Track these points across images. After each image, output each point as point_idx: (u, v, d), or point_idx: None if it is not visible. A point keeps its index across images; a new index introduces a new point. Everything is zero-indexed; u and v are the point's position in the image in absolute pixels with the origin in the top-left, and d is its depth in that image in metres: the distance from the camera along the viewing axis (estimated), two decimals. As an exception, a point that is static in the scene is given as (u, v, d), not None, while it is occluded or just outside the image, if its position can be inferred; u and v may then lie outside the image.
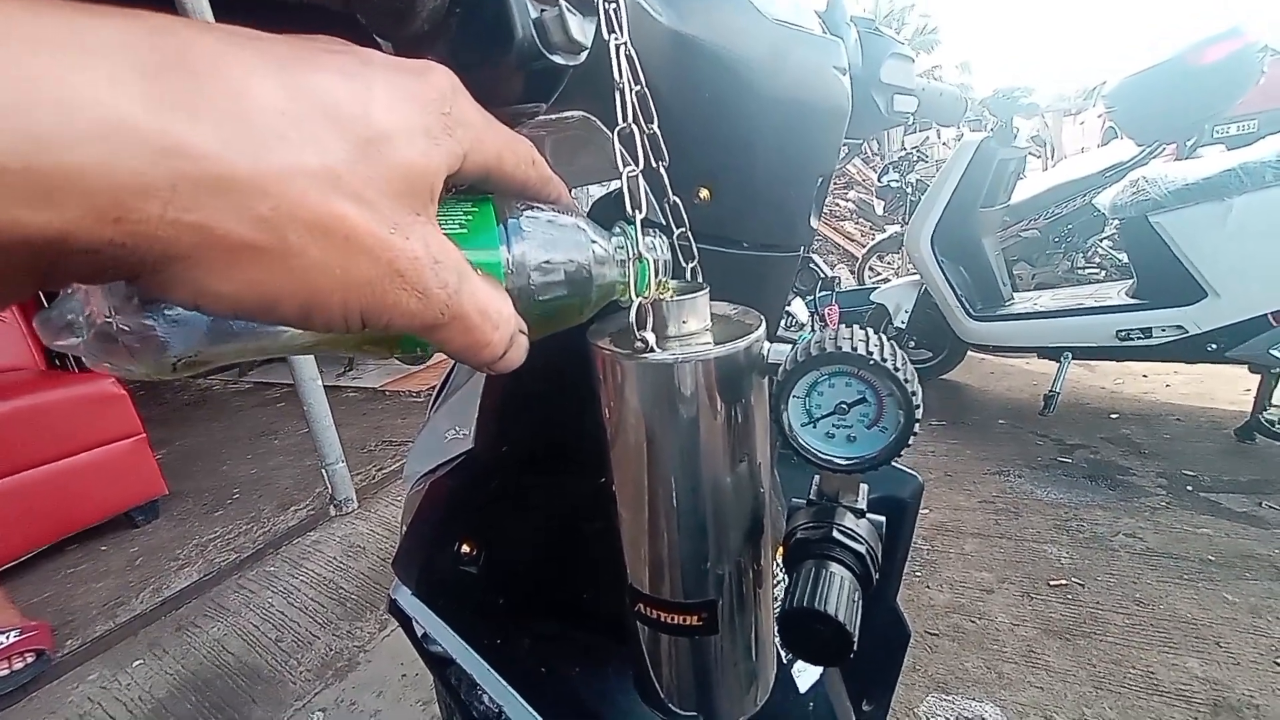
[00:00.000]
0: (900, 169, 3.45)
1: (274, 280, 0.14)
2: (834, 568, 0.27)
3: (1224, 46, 2.16)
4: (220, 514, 2.17)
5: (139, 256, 0.13)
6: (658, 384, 0.27)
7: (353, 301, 0.16)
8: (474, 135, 0.19)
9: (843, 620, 0.25)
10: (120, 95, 0.12)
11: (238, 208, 0.13)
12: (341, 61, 0.16)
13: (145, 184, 0.12)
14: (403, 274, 0.16)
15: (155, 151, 0.12)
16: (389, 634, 1.47)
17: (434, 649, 0.49)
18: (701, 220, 0.37)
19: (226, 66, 0.14)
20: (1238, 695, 1.09)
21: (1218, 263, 1.78)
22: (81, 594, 1.75)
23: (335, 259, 0.15)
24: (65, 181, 0.11)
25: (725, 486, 0.29)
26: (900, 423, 0.25)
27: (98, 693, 1.35)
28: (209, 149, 0.13)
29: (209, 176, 0.13)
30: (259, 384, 3.93)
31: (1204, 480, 1.75)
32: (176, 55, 0.13)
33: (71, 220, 0.12)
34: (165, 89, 0.13)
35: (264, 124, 0.14)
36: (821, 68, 0.37)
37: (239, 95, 0.14)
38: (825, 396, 0.26)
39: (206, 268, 0.14)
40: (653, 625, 0.32)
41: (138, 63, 0.12)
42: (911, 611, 1.39)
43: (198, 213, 0.13)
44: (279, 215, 0.14)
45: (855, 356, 0.24)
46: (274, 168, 0.14)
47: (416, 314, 0.17)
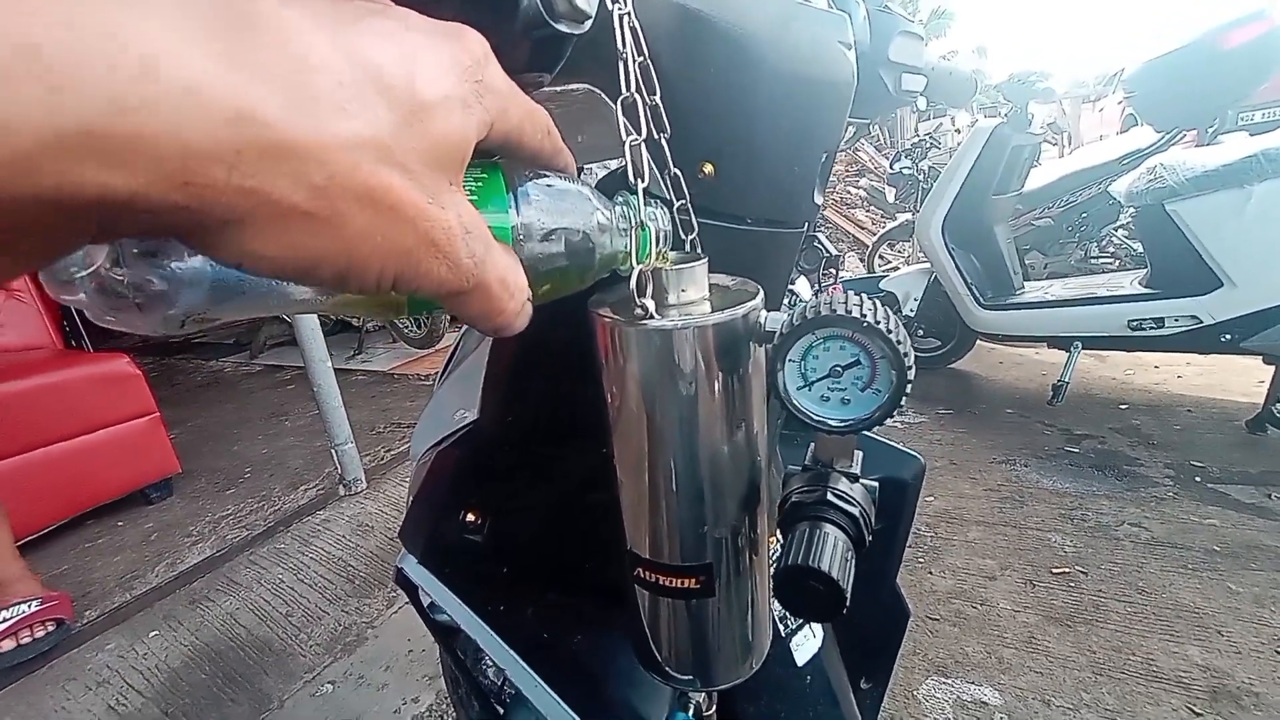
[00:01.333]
0: (913, 156, 3.39)
1: (319, 245, 0.15)
2: (828, 528, 0.28)
3: (1250, 30, 2.11)
4: (232, 492, 2.21)
5: (197, 219, 0.13)
6: (657, 350, 0.27)
7: (389, 268, 0.16)
8: (501, 103, 0.19)
9: (836, 577, 0.26)
10: (195, 57, 0.12)
11: (296, 175, 0.14)
12: (385, 25, 0.16)
13: (216, 149, 0.12)
14: (437, 244, 0.17)
15: (227, 117, 0.12)
16: (396, 610, 1.50)
17: (440, 617, 0.51)
18: (705, 195, 0.37)
19: (288, 28, 0.14)
20: (1237, 683, 1.09)
21: (1235, 251, 1.75)
22: (99, 567, 1.79)
23: (378, 227, 0.15)
24: (141, 144, 0.11)
25: (722, 452, 0.30)
26: (893, 384, 0.25)
27: (115, 661, 1.39)
28: (275, 116, 0.13)
29: (273, 144, 0.13)
30: (270, 366, 3.97)
31: (1213, 471, 1.74)
32: (241, 13, 0.13)
33: (142, 183, 0.12)
34: (235, 51, 0.13)
35: (325, 93, 0.14)
36: (827, 42, 0.37)
37: (302, 61, 0.14)
38: (820, 360, 0.27)
39: (257, 231, 0.14)
40: (651, 589, 0.33)
41: (207, 20, 0.12)
42: (914, 596, 1.40)
43: (258, 179, 0.13)
44: (333, 184, 0.14)
45: (849, 319, 0.25)
46: (332, 137, 0.14)
47: (445, 281, 0.17)
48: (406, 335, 3.72)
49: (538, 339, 0.39)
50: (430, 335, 3.54)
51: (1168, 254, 1.90)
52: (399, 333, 3.78)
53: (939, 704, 1.14)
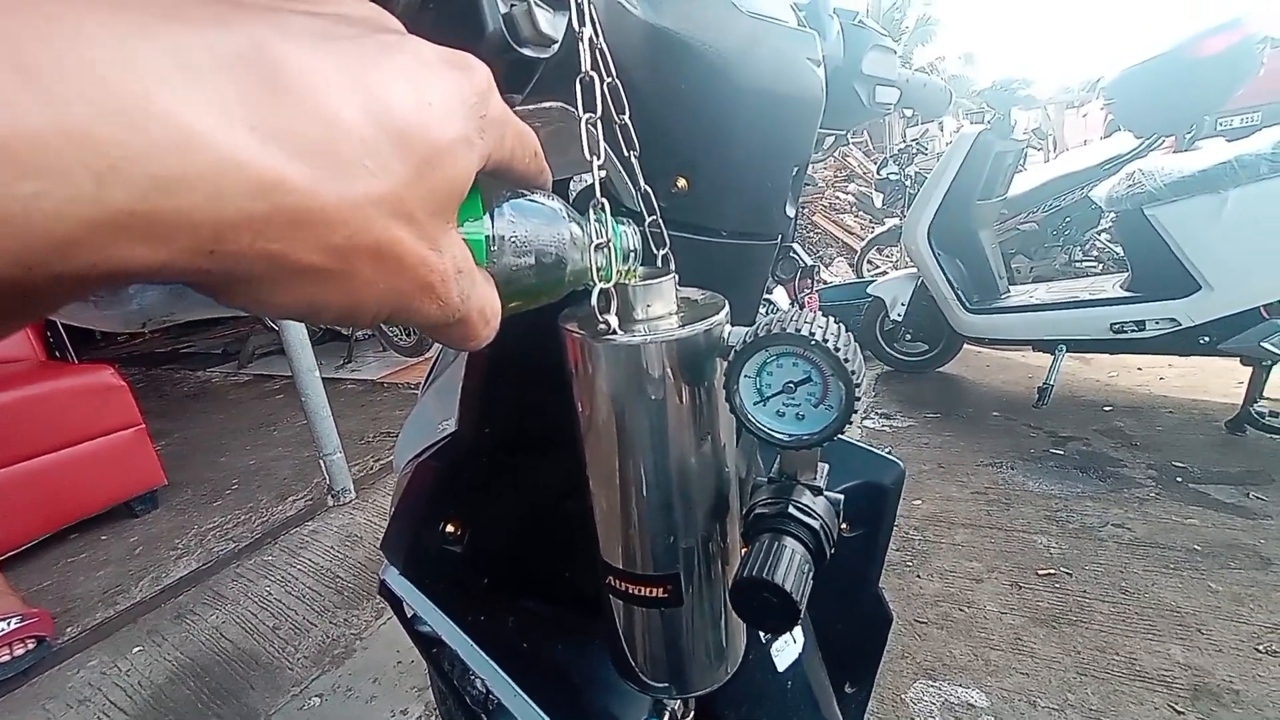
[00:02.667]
0: (899, 161, 3.44)
1: (324, 295, 0.15)
2: (788, 541, 0.28)
3: (1223, 38, 2.16)
4: (219, 504, 2.19)
5: (214, 279, 0.13)
6: (621, 364, 0.28)
7: (384, 309, 0.17)
8: (499, 132, 0.19)
9: (789, 590, 0.26)
10: (230, 128, 0.12)
11: (317, 238, 0.14)
12: (401, 64, 0.16)
13: (246, 219, 0.12)
14: (433, 287, 0.17)
15: (259, 188, 0.12)
16: (385, 622, 1.49)
17: (423, 629, 0.51)
18: (679, 209, 0.38)
19: (316, 85, 0.14)
20: (1218, 681, 1.10)
21: (1211, 255, 1.79)
22: (82, 582, 1.76)
23: (382, 277, 0.16)
24: (179, 221, 0.12)
25: (687, 463, 0.30)
26: (843, 400, 0.26)
27: (98, 678, 1.37)
28: (303, 183, 0.13)
29: (299, 210, 0.13)
30: (258, 376, 3.94)
31: (1194, 471, 1.76)
32: (271, 72, 0.13)
33: (173, 254, 0.12)
34: (266, 117, 0.13)
35: (348, 153, 0.14)
36: (795, 59, 0.38)
37: (329, 123, 0.14)
38: (774, 376, 0.27)
39: (270, 287, 0.14)
40: (623, 598, 0.34)
41: (240, 84, 0.13)
42: (901, 600, 1.41)
43: (281, 243, 0.13)
44: (349, 243, 0.14)
45: (798, 337, 0.25)
46: (352, 198, 0.14)
47: (433, 318, 0.18)
48: (396, 343, 3.71)
49: (512, 352, 0.39)
50: (420, 343, 3.53)
51: (1147, 258, 1.94)
52: (388, 341, 3.77)
53: (927, 707, 1.14)
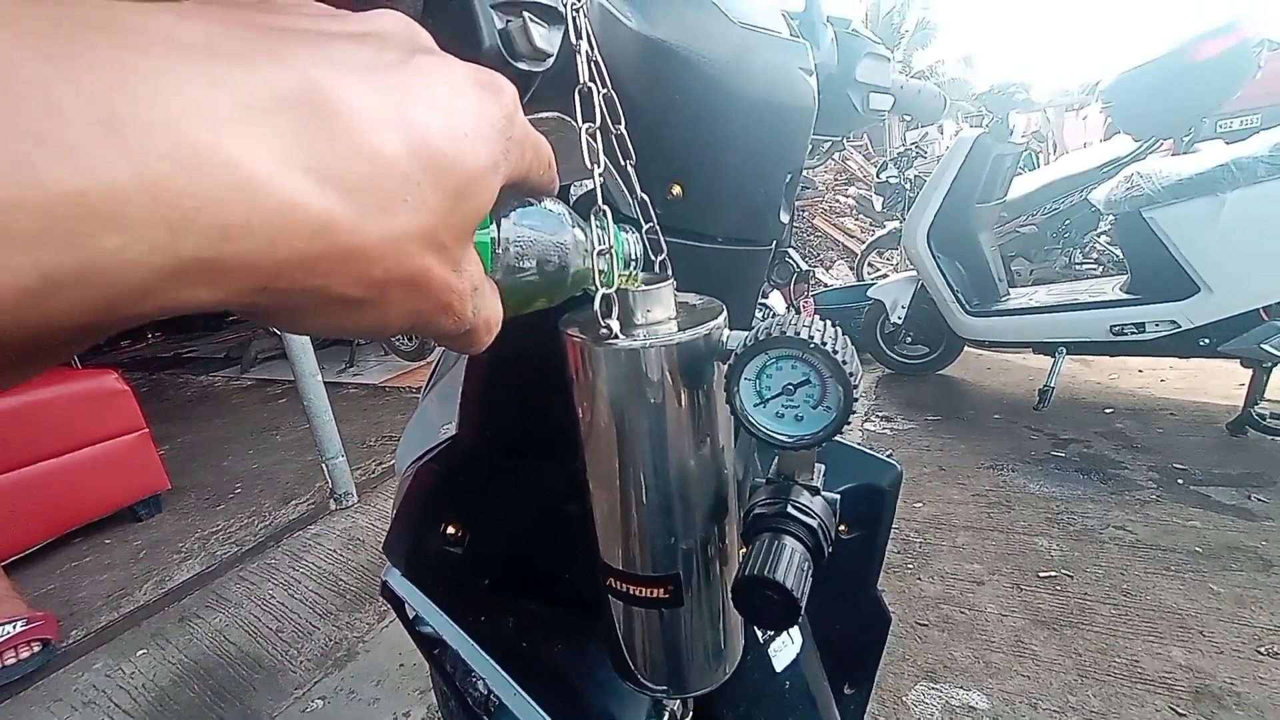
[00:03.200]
0: (899, 165, 3.45)
1: (355, 319, 0.16)
2: (787, 540, 0.29)
3: (1221, 41, 2.17)
4: (222, 508, 2.20)
5: (258, 310, 0.14)
6: (622, 368, 0.28)
7: (405, 327, 0.17)
8: (520, 151, 0.20)
9: (790, 587, 0.27)
10: (290, 173, 0.13)
11: (359, 273, 0.14)
12: (438, 92, 0.16)
13: (299, 259, 0.13)
14: (451, 306, 0.18)
15: (313, 229, 0.13)
16: (387, 625, 1.50)
17: (424, 630, 0.51)
18: (675, 215, 0.39)
19: (363, 121, 0.14)
20: (1219, 683, 1.10)
21: (1210, 258, 1.79)
22: (86, 586, 1.77)
23: (409, 301, 0.16)
24: (238, 264, 0.12)
25: (687, 465, 0.31)
26: (841, 401, 0.27)
27: (102, 681, 1.38)
28: (350, 222, 0.14)
29: (346, 249, 0.14)
30: (261, 380, 3.96)
31: (1195, 474, 1.76)
32: (323, 112, 0.13)
33: (229, 293, 0.12)
34: (320, 158, 0.13)
35: (390, 189, 0.15)
36: (787, 68, 0.39)
37: (374, 159, 0.14)
38: (774, 379, 0.28)
39: (307, 316, 0.15)
40: (623, 599, 0.34)
41: (296, 127, 0.13)
42: (902, 603, 1.41)
43: (326, 279, 0.14)
44: (385, 276, 0.15)
45: (798, 340, 0.26)
46: (392, 234, 0.15)
47: (447, 331, 0.19)
48: (398, 348, 3.73)
49: (512, 356, 0.40)
50: (422, 347, 3.54)
51: (1146, 260, 1.94)
52: (390, 345, 3.78)
53: (928, 709, 1.14)
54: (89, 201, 0.10)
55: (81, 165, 0.10)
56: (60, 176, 0.10)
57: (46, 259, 0.10)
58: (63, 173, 0.10)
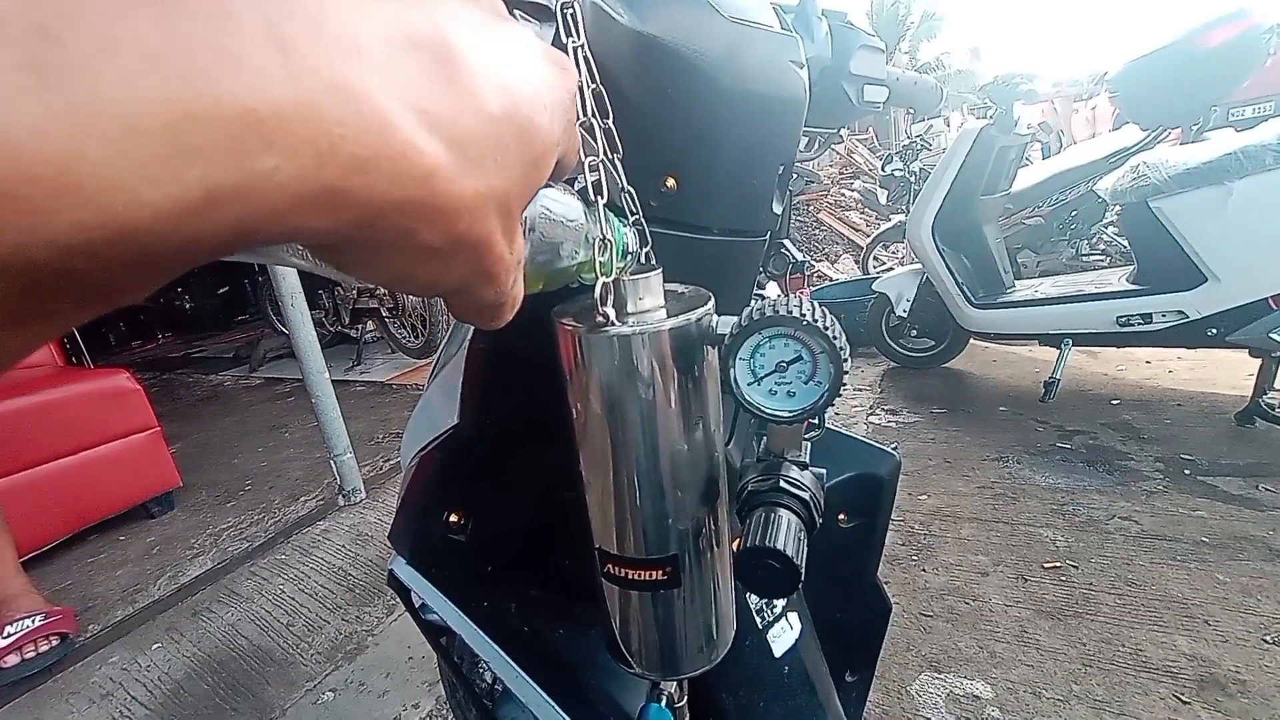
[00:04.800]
0: (904, 158, 3.44)
1: (420, 270, 0.15)
2: (782, 512, 0.30)
3: (1230, 29, 2.14)
4: (233, 505, 2.23)
5: (348, 245, 0.14)
6: (619, 355, 0.29)
7: (453, 288, 0.17)
8: (572, 133, 0.20)
9: (790, 554, 0.28)
10: (414, 115, 0.13)
11: (445, 226, 0.14)
12: (527, 59, 0.16)
13: (406, 202, 0.13)
14: (498, 278, 0.18)
15: (424, 174, 0.13)
16: (395, 619, 1.52)
17: (430, 617, 0.52)
18: (669, 207, 0.39)
19: (474, 75, 0.14)
20: (1224, 671, 1.10)
21: (1217, 247, 1.78)
22: (102, 581, 1.81)
23: (469, 264, 0.16)
24: (359, 199, 0.12)
25: (682, 447, 0.32)
26: (832, 375, 0.28)
27: (119, 674, 1.40)
28: (451, 174, 0.14)
29: (443, 198, 0.14)
30: (269, 379, 4.00)
31: (1202, 464, 1.75)
32: (445, 60, 0.14)
33: (339, 225, 0.12)
34: (438, 105, 0.13)
35: (485, 147, 0.15)
36: (778, 62, 0.39)
37: (478, 114, 0.14)
38: (767, 357, 0.29)
39: (384, 259, 0.14)
40: (621, 583, 0.35)
41: (423, 71, 0.13)
42: (906, 594, 1.42)
43: (417, 225, 0.14)
44: (464, 234, 0.15)
45: (791, 319, 0.27)
46: (481, 191, 0.15)
47: (484, 301, 0.18)
48: (404, 345, 3.75)
49: (511, 346, 0.41)
50: (428, 345, 3.56)
51: (1153, 251, 1.93)
52: (396, 343, 3.81)
53: (932, 698, 1.15)
54: (256, 120, 0.10)
55: (253, 83, 0.10)
56: (234, 93, 0.10)
57: (212, 174, 0.10)
58: (236, 89, 0.10)
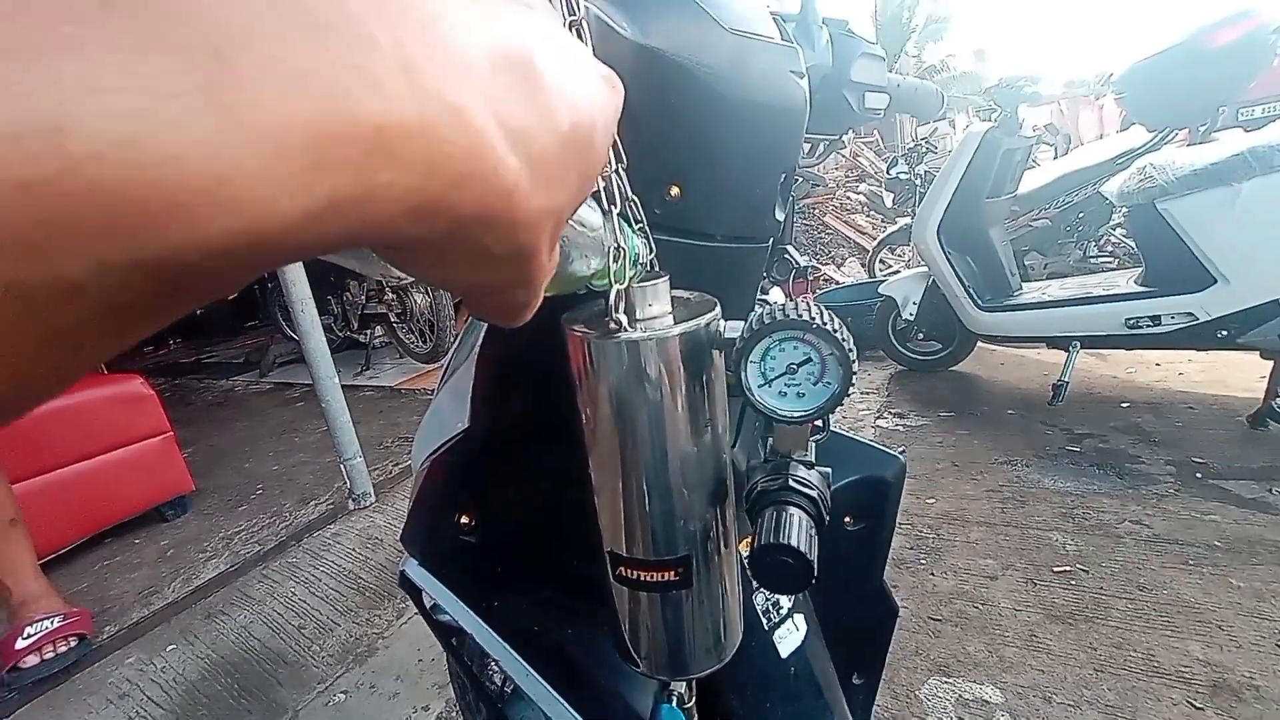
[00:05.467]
0: (910, 160, 3.43)
1: (471, 275, 0.15)
2: (792, 510, 0.31)
3: (1235, 29, 2.14)
4: (245, 509, 2.25)
5: (418, 253, 0.14)
6: (632, 360, 0.30)
7: (497, 289, 0.17)
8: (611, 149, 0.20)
9: (803, 550, 0.29)
10: (503, 132, 0.13)
11: (512, 238, 0.14)
12: (585, 75, 0.17)
13: (489, 217, 0.13)
14: (534, 283, 0.18)
15: (506, 190, 0.13)
16: (406, 621, 1.53)
17: (441, 618, 0.53)
18: (674, 215, 0.40)
19: (549, 90, 0.14)
20: (1237, 677, 1.09)
21: (1226, 248, 1.77)
22: (118, 584, 1.83)
23: (517, 271, 0.16)
24: (453, 212, 0.12)
25: (692, 449, 0.32)
26: (841, 376, 0.29)
27: (135, 674, 1.42)
28: (526, 191, 0.14)
29: (519, 215, 0.14)
30: (279, 384, 4.04)
31: (1214, 467, 1.74)
32: (527, 76, 0.14)
33: (425, 234, 0.12)
34: (520, 121, 0.13)
35: (554, 166, 0.15)
36: (778, 72, 0.40)
37: (551, 132, 0.14)
38: (777, 360, 0.30)
39: (448, 265, 0.14)
40: (633, 585, 0.35)
41: (511, 87, 0.13)
42: (915, 598, 1.42)
43: (489, 237, 0.14)
44: (524, 247, 0.15)
45: (801, 322, 0.28)
46: (546, 208, 0.15)
47: (514, 304, 0.18)
48: (413, 351, 3.78)
49: (520, 352, 0.42)
50: (436, 350, 3.59)
51: (1161, 252, 1.92)
52: (405, 348, 3.84)
53: (941, 703, 1.15)
54: (383, 138, 0.11)
55: (384, 103, 0.11)
56: (367, 112, 0.10)
57: (339, 187, 0.10)
58: (369, 109, 0.10)
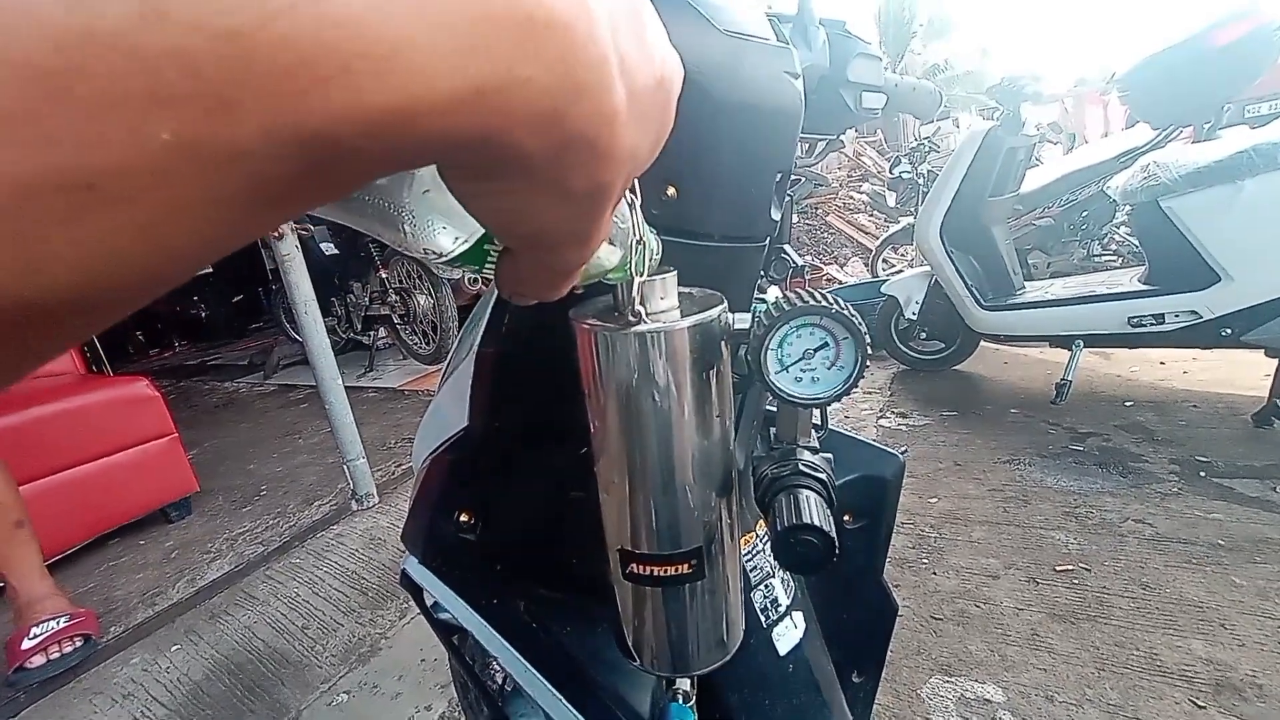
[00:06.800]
0: (912, 160, 3.43)
1: (547, 214, 0.15)
2: (805, 492, 0.32)
3: (1239, 26, 2.13)
4: (248, 510, 2.26)
5: (510, 176, 0.14)
6: (651, 352, 0.30)
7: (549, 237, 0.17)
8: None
9: (825, 528, 0.30)
10: (615, 54, 0.13)
11: (601, 171, 0.14)
12: (665, 38, 0.17)
13: (593, 140, 0.13)
14: (588, 244, 0.17)
15: (609, 115, 0.13)
16: (408, 622, 1.54)
17: (442, 616, 0.54)
18: (671, 215, 0.41)
19: (650, 37, 0.15)
20: (1240, 675, 1.09)
21: (1230, 246, 1.76)
22: (123, 584, 1.84)
23: (585, 218, 0.16)
24: (566, 125, 0.13)
25: (704, 442, 0.33)
26: (855, 360, 0.30)
27: (140, 674, 1.43)
28: (625, 121, 0.14)
29: (616, 141, 0.14)
30: (283, 386, 4.05)
31: (1218, 466, 1.73)
32: (638, 16, 0.14)
33: (536, 149, 0.13)
34: (632, 54, 0.14)
35: (646, 108, 0.15)
36: (773, 73, 0.41)
37: (651, 72, 0.15)
38: (794, 346, 0.31)
39: (527, 196, 0.14)
40: (645, 581, 0.35)
41: (624, 15, 0.14)
42: (917, 597, 1.41)
43: (584, 164, 0.14)
44: (604, 184, 0.15)
45: (820, 307, 0.29)
46: (634, 150, 0.15)
47: (563, 264, 0.18)
48: (416, 352, 3.79)
49: (520, 349, 0.42)
50: (439, 351, 3.60)
51: (1165, 250, 1.91)
52: (408, 350, 3.85)
53: (943, 702, 1.14)
54: (533, 31, 0.11)
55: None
56: (524, 2, 0.11)
57: (488, 73, 0.11)
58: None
